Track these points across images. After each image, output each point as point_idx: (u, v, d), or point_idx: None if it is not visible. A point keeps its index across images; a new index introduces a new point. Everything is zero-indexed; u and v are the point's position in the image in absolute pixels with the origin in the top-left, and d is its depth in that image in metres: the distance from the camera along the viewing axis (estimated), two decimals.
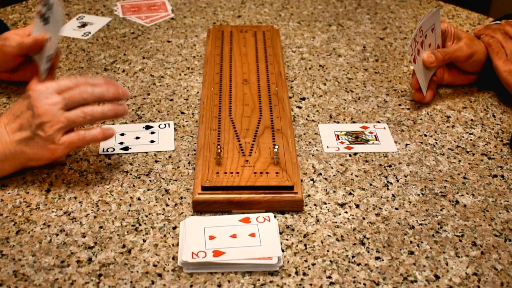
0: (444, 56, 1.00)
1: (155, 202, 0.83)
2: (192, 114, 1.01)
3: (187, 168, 0.89)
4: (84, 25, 1.27)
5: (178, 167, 0.89)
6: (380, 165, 0.90)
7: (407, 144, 0.95)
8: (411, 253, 0.76)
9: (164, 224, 0.80)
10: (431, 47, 1.01)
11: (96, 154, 0.91)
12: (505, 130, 0.98)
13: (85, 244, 0.77)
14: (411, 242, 0.78)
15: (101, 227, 0.79)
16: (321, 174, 0.88)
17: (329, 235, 0.78)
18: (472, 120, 1.01)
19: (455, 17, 1.33)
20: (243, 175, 0.82)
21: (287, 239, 0.78)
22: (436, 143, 0.95)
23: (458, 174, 0.89)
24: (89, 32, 1.25)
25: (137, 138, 0.95)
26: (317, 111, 1.02)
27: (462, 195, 0.85)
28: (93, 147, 0.92)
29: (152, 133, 0.96)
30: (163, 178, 0.87)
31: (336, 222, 0.80)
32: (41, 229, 0.79)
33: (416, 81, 1.00)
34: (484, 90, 1.08)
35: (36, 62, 0.98)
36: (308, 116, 1.01)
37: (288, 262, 0.74)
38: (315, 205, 0.83)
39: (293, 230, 0.79)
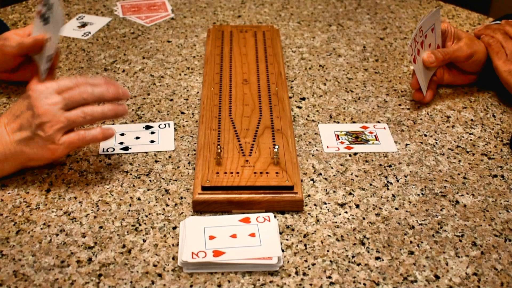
0: (444, 56, 1.00)
1: (155, 202, 0.83)
2: (192, 114, 1.01)
3: (187, 168, 0.89)
4: (84, 25, 1.27)
5: (178, 167, 0.89)
6: (380, 165, 0.90)
7: (407, 144, 0.95)
8: (411, 253, 0.76)
9: (164, 224, 0.80)
10: (431, 47, 1.01)
11: (96, 154, 0.91)
12: (505, 130, 0.98)
13: (85, 244, 0.77)
14: (411, 242, 0.78)
15: (101, 227, 0.79)
16: (321, 174, 0.88)
17: (329, 235, 0.78)
18: (472, 120, 1.01)
19: (455, 17, 1.33)
20: (243, 175, 0.82)
21: (287, 239, 0.78)
22: (436, 143, 0.95)
23: (458, 174, 0.89)
24: (89, 32, 1.25)
25: (137, 138, 0.95)
26: (317, 111, 1.02)
27: (462, 195, 0.85)
28: (93, 147, 0.92)
29: (152, 133, 0.96)
30: (163, 178, 0.87)
31: (336, 222, 0.80)
32: (41, 229, 0.79)
33: (416, 81, 1.00)
34: (484, 90, 1.08)
35: (36, 62, 0.98)
36: (308, 116, 1.01)
37: (288, 262, 0.74)
38: (315, 205, 0.83)
39: (293, 230, 0.79)
